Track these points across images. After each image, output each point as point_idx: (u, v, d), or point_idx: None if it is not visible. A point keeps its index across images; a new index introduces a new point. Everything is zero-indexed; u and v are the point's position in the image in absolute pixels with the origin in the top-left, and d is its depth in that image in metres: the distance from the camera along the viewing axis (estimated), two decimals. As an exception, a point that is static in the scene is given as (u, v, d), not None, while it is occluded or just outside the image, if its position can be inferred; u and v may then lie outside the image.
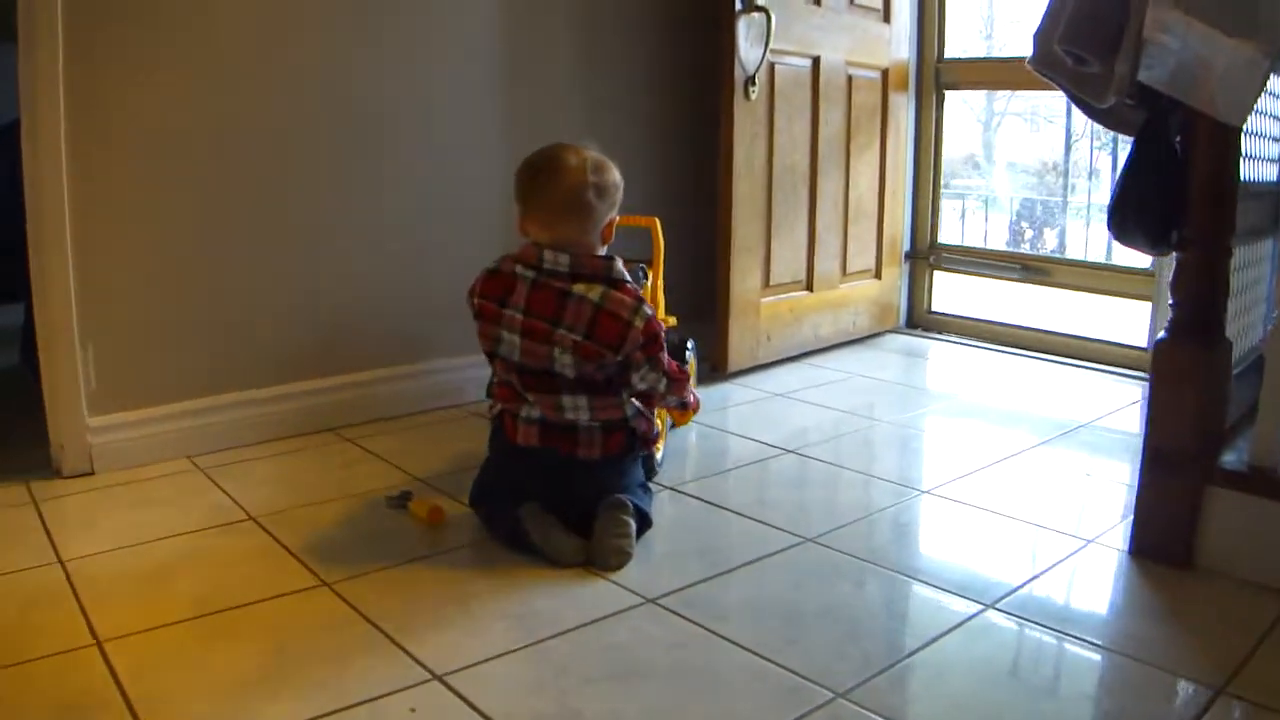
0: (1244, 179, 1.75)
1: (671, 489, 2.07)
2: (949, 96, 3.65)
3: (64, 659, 1.39)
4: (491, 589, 1.62)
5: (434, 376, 2.66)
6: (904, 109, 3.50)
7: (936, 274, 3.69)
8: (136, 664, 1.38)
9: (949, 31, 3.58)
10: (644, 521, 1.80)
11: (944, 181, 3.71)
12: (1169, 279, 2.87)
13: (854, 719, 1.27)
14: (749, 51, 2.82)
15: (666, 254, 2.32)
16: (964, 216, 6.27)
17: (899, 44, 3.41)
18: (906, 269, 3.66)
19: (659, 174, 3.04)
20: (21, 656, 1.40)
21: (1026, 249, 5.54)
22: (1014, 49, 4.97)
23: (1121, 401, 2.78)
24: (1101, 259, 4.60)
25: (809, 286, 3.19)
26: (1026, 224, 6.55)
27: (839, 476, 2.18)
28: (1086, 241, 5.81)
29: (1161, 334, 1.77)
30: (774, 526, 1.88)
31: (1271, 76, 1.64)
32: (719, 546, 1.81)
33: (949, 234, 3.74)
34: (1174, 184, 1.72)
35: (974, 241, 4.95)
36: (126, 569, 1.69)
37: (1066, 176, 6.17)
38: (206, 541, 1.81)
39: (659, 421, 1.94)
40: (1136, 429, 2.56)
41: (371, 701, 1.29)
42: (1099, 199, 5.98)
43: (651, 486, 1.98)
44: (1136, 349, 3.13)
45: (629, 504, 1.76)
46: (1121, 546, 1.80)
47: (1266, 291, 2.17)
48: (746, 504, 2.00)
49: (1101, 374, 3.08)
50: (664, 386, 1.82)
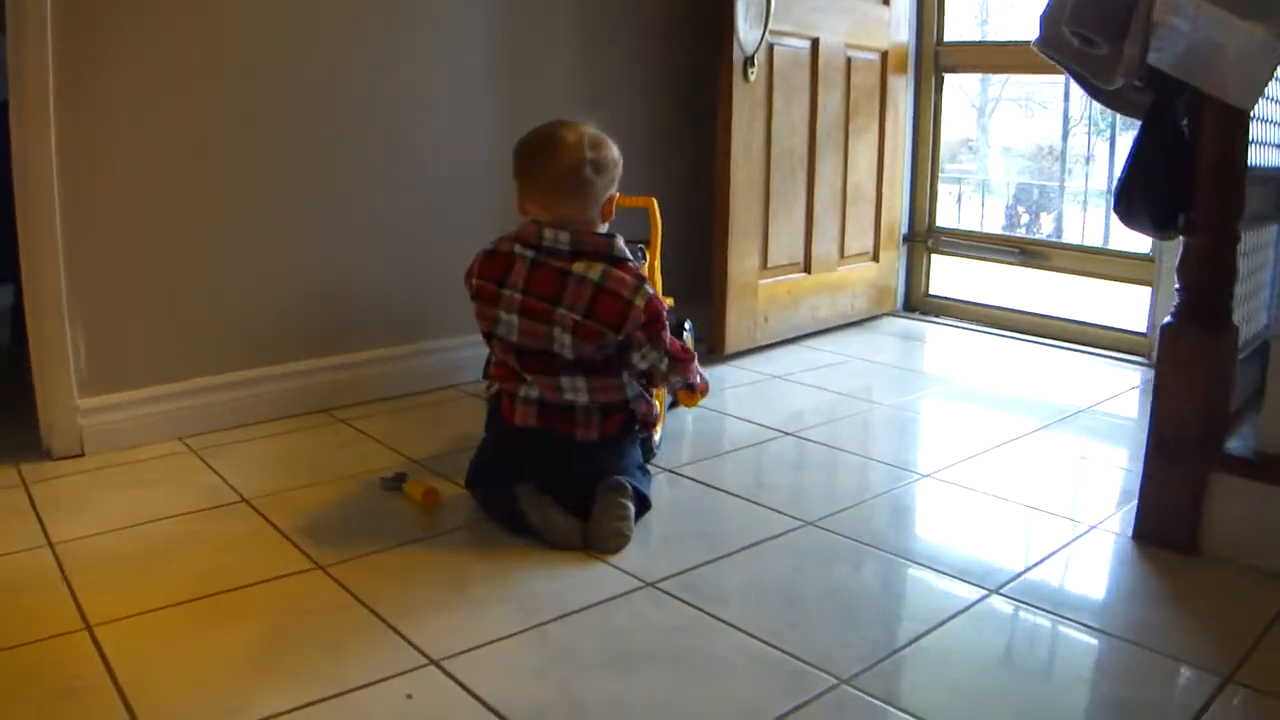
0: (1249, 164, 1.73)
1: (669, 471, 2.05)
2: (946, 80, 3.62)
3: (53, 644, 1.37)
4: (488, 572, 1.60)
5: (429, 357, 2.64)
6: (903, 92, 3.47)
7: (934, 257, 3.67)
8: (127, 649, 1.36)
9: (947, 16, 3.54)
10: (643, 504, 1.78)
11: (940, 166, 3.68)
12: (1168, 263, 2.94)
13: (858, 705, 1.25)
14: (748, 32, 2.79)
15: (663, 235, 2.30)
16: (960, 201, 6.25)
17: (898, 26, 3.38)
18: (904, 252, 3.64)
19: (656, 154, 3.01)
20: (10, 641, 1.37)
21: (1022, 234, 5.51)
22: (1009, 35, 4.93)
23: (1121, 386, 2.76)
24: (1098, 244, 4.59)
25: (807, 269, 3.16)
26: (1023, 209, 6.53)
27: (838, 459, 2.16)
28: (1083, 226, 5.79)
29: (1168, 319, 1.75)
30: (773, 509, 1.86)
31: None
32: (718, 529, 1.79)
33: (945, 218, 3.72)
34: (1181, 167, 1.70)
35: (970, 226, 4.92)
36: (117, 552, 1.67)
37: (1064, 161, 6.14)
38: (199, 524, 1.79)
39: (657, 403, 1.92)
40: (1136, 414, 2.55)
41: (367, 687, 1.27)
42: (1096, 184, 5.96)
43: (649, 468, 1.96)
44: (1135, 334, 3.12)
45: (628, 486, 1.74)
46: (1125, 532, 1.78)
47: (1269, 277, 2.15)
48: (745, 486, 1.98)
49: (1100, 359, 3.07)
50: (666, 366, 1.80)
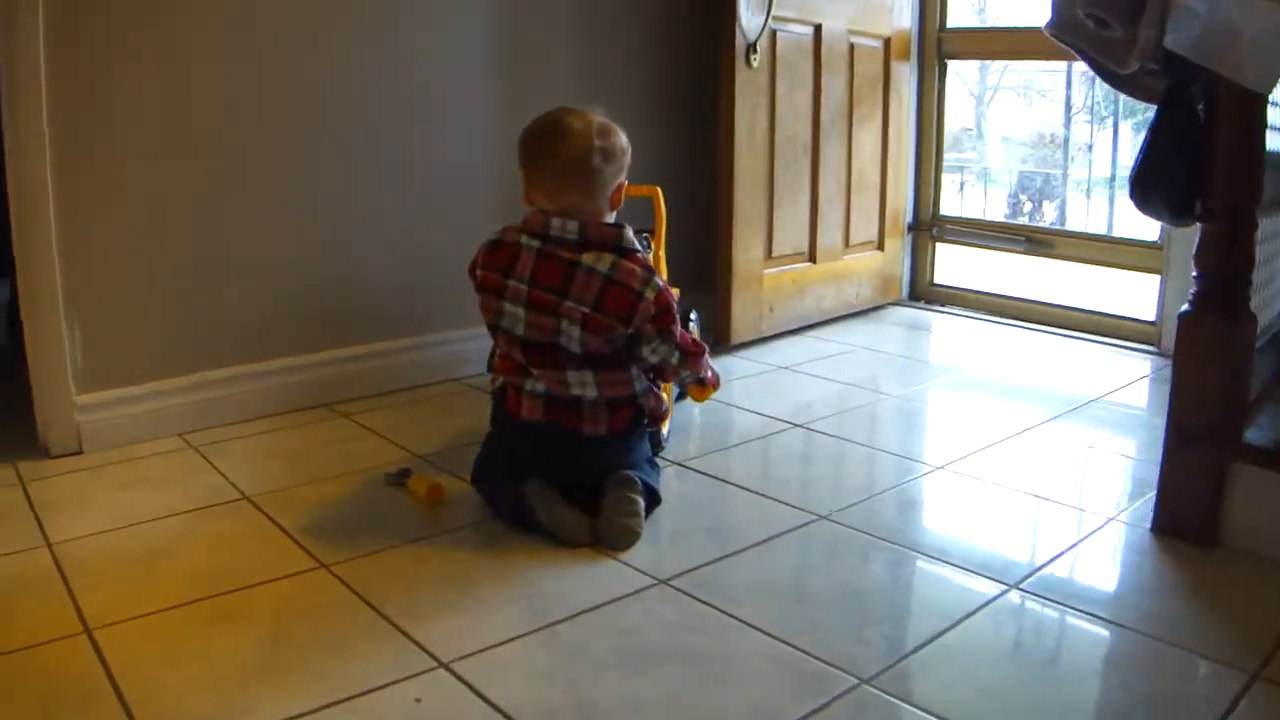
0: (1267, 149, 1.70)
1: (678, 464, 2.02)
2: (947, 67, 3.57)
3: (51, 648, 1.33)
4: (496, 570, 1.57)
5: (432, 349, 2.60)
6: (906, 78, 3.43)
7: (938, 246, 3.63)
8: (127, 653, 1.32)
9: (949, 2, 3.49)
10: (653, 499, 1.75)
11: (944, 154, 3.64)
12: (1177, 251, 2.91)
13: (879, 706, 1.22)
14: (750, 18, 2.75)
15: (666, 225, 2.26)
16: (962, 189, 6.21)
17: (901, 12, 3.34)
18: (909, 241, 3.60)
19: (658, 143, 2.97)
20: (6, 646, 1.33)
21: (1024, 222, 5.48)
22: (1010, 21, 4.88)
23: (1130, 375, 2.73)
24: (1102, 232, 4.55)
25: (812, 258, 3.13)
26: (1025, 197, 6.49)
27: (849, 452, 2.13)
28: (1087, 215, 5.75)
29: (1185, 307, 1.72)
30: (785, 503, 1.83)
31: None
32: (729, 524, 1.76)
33: (948, 207, 3.68)
34: (1197, 153, 1.67)
35: (973, 214, 4.89)
36: (116, 552, 1.63)
37: (1067, 149, 6.10)
38: (199, 523, 1.75)
39: (666, 396, 1.88)
40: (1146, 404, 2.52)
41: (375, 691, 1.24)
42: (1099, 172, 5.93)
43: (658, 461, 1.93)
44: (1144, 322, 3.08)
45: (637, 481, 1.70)
46: (1142, 524, 1.75)
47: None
48: (756, 480, 1.95)
49: (1107, 347, 3.03)
50: (677, 360, 1.77)
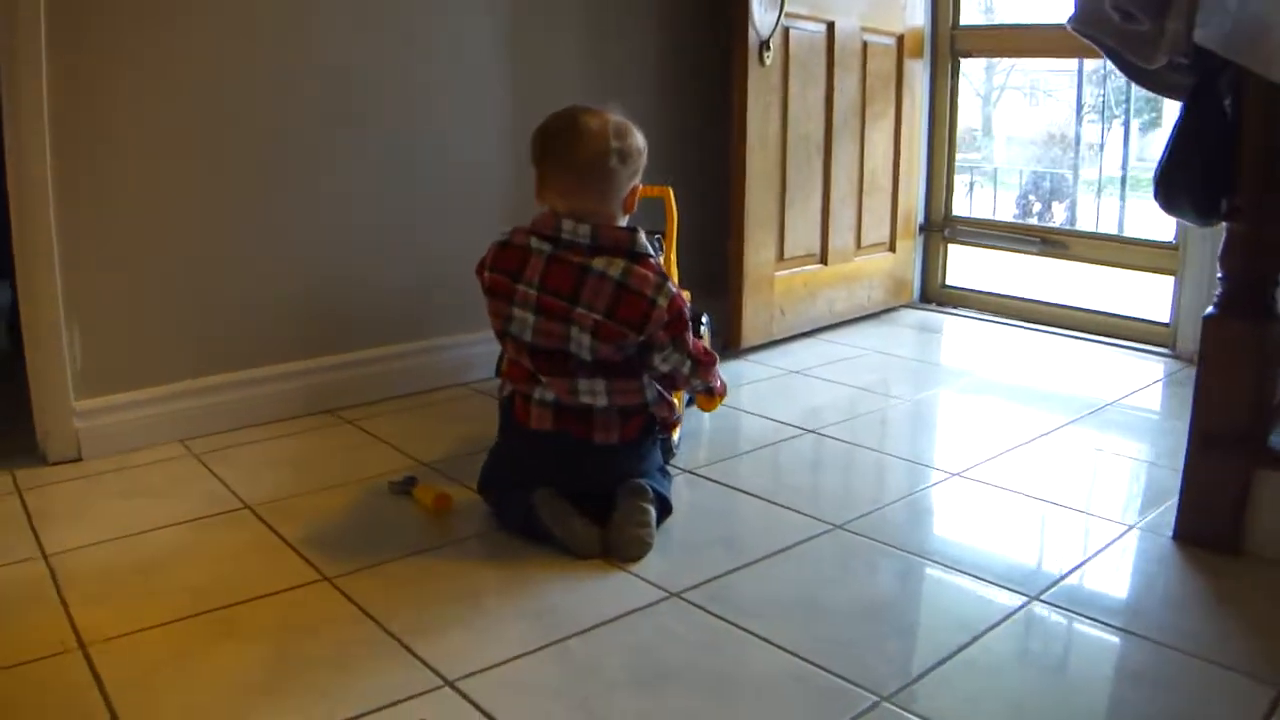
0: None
1: (689, 472, 1.98)
2: (960, 65, 3.52)
3: (43, 665, 1.29)
4: (504, 583, 1.53)
5: (438, 354, 2.56)
6: (919, 76, 3.38)
7: (950, 247, 3.58)
8: (123, 670, 1.28)
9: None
10: (664, 508, 1.70)
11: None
12: (1193, 252, 2.86)
13: (901, 726, 1.18)
14: (763, 15, 2.70)
15: (676, 226, 2.22)
16: (971, 190, 6.16)
17: (914, 9, 3.29)
18: (920, 242, 3.56)
19: (667, 142, 2.92)
20: (-1, 662, 1.30)
21: (1034, 223, 5.43)
22: (1023, 18, 4.83)
23: (1145, 379, 2.68)
24: (1115, 233, 4.50)
25: (823, 260, 3.08)
26: (1035, 197, 6.43)
27: (863, 458, 2.09)
28: (1097, 215, 5.69)
29: (1210, 309, 1.68)
30: (800, 512, 1.78)
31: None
32: (743, 534, 1.72)
33: (958, 208, 3.63)
34: (1224, 151, 1.62)
35: (983, 215, 4.84)
36: (114, 564, 1.59)
37: (1077, 149, 6.04)
38: (200, 533, 1.71)
39: (678, 403, 1.84)
40: (1162, 408, 2.48)
41: (379, 711, 1.20)
42: (1109, 172, 5.87)
43: (669, 469, 1.88)
44: (1158, 324, 3.03)
45: (649, 490, 1.66)
46: (1164, 532, 1.71)
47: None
48: (769, 488, 1.90)
49: (1121, 350, 2.98)
50: (688, 369, 1.72)
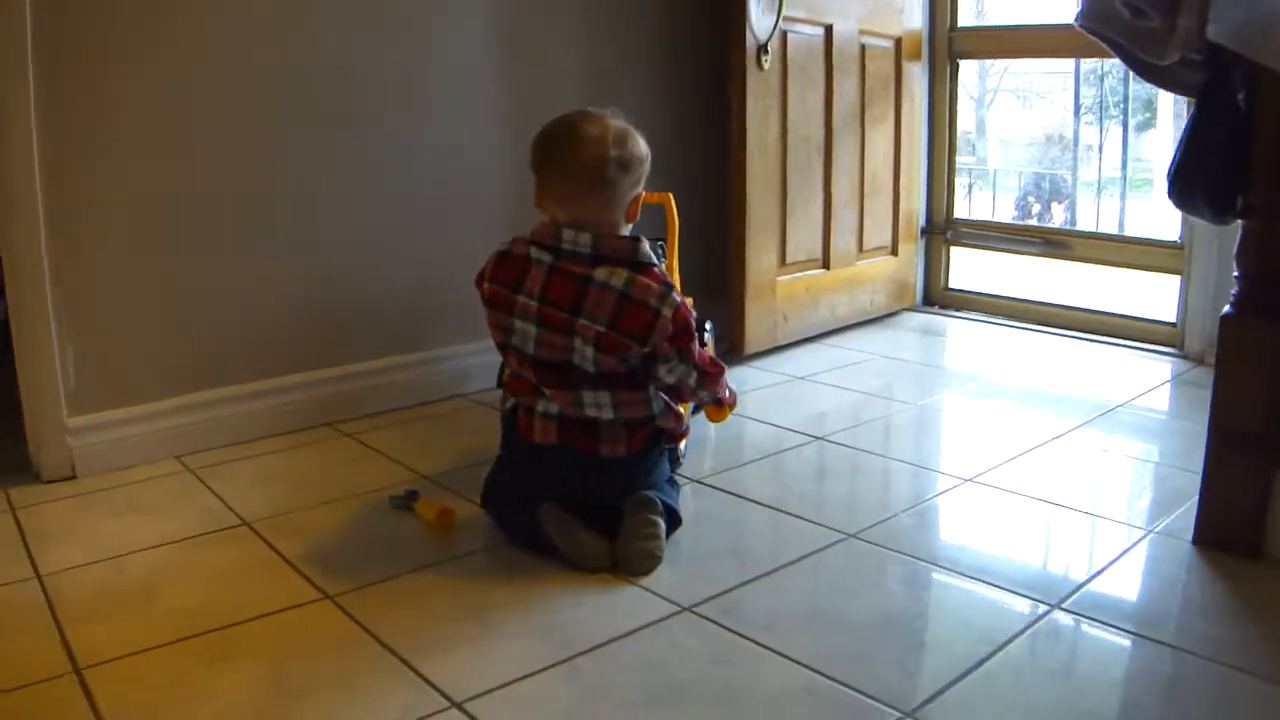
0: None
1: (695, 481, 1.94)
2: (959, 67, 3.50)
3: (36, 690, 1.25)
4: (510, 599, 1.48)
5: (438, 365, 2.52)
6: (918, 79, 3.35)
7: (952, 250, 3.55)
8: (119, 695, 1.24)
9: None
10: (673, 520, 1.66)
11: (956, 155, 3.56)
12: (1199, 251, 2.83)
13: (925, 742, 1.14)
14: (761, 19, 2.67)
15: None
16: (970, 192, 6.15)
17: (911, 12, 3.26)
18: (922, 245, 3.52)
19: (665, 146, 2.89)
20: (-10, 687, 1.26)
21: (1033, 224, 5.41)
22: (1019, 19, 4.82)
23: (1153, 379, 2.65)
24: (1118, 233, 4.47)
25: (825, 264, 3.05)
26: (1034, 199, 6.42)
27: (874, 465, 2.05)
28: (1097, 216, 5.68)
29: (1227, 309, 1.64)
30: (812, 521, 1.74)
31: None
32: (754, 545, 1.68)
33: (958, 211, 3.60)
34: (1238, 148, 1.59)
35: (982, 218, 4.82)
36: (109, 584, 1.55)
37: (1075, 150, 6.03)
38: (196, 551, 1.67)
39: (684, 413, 1.80)
40: (1175, 408, 2.45)
41: (384, 734, 1.16)
42: (1107, 173, 5.86)
43: (677, 479, 1.84)
44: (1164, 324, 3.00)
45: (657, 501, 1.62)
46: (1182, 536, 1.67)
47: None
48: (779, 497, 1.86)
49: (1127, 350, 2.94)
50: (695, 380, 1.67)
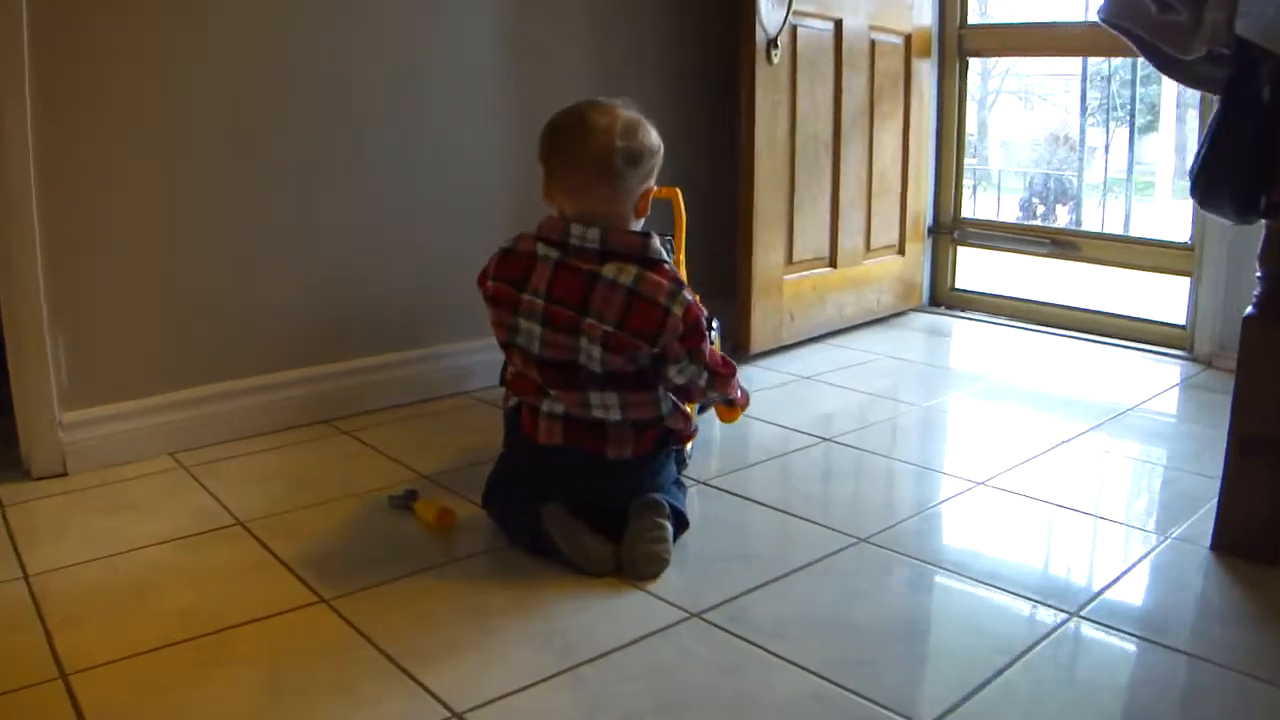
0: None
1: (701, 483, 1.89)
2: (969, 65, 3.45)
3: (20, 696, 1.21)
4: (513, 604, 1.44)
5: (439, 361, 2.48)
6: (927, 76, 3.31)
7: (959, 250, 3.51)
8: (106, 701, 1.20)
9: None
10: (681, 523, 1.61)
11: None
12: (1210, 252, 2.78)
13: (944, 757, 1.10)
14: (771, 12, 2.63)
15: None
16: (975, 193, 6.11)
17: (921, 8, 3.22)
18: (929, 244, 3.48)
19: (671, 141, 2.84)
20: (-29, 693, 1.21)
21: (1040, 225, 5.37)
22: (1028, 17, 4.77)
23: (1163, 382, 2.60)
24: (1129, 234, 4.43)
25: (833, 263, 3.00)
26: (1038, 200, 6.38)
27: (884, 467, 2.01)
28: (1102, 218, 5.64)
29: (1249, 310, 1.60)
30: (821, 525, 1.70)
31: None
32: (762, 550, 1.63)
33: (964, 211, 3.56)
34: (1264, 145, 1.55)
35: (987, 218, 4.78)
36: (99, 585, 1.50)
37: (1082, 151, 5.99)
38: (189, 551, 1.63)
39: (692, 413, 1.75)
40: (1186, 411, 2.41)
41: (382, 745, 1.12)
42: (1111, 175, 5.82)
43: (684, 480, 1.80)
44: (1174, 326, 2.95)
45: (664, 504, 1.57)
46: (1200, 541, 1.63)
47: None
48: (786, 499, 1.82)
49: (1136, 353, 2.90)
50: (705, 381, 1.63)
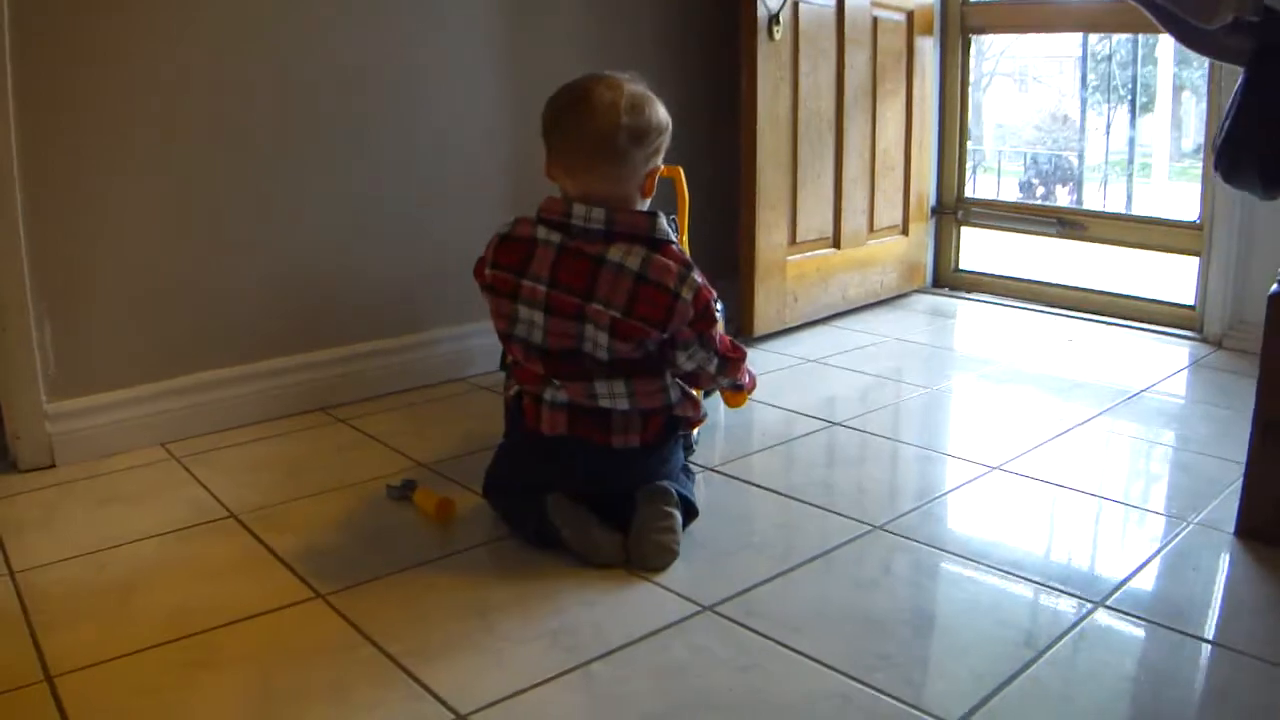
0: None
1: (707, 469, 1.84)
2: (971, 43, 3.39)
3: (3, 702, 1.15)
4: (517, 598, 1.39)
5: (437, 347, 2.43)
6: (930, 54, 3.24)
7: (963, 230, 3.45)
8: (93, 705, 1.15)
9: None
10: (689, 512, 1.56)
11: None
12: (1220, 232, 2.73)
13: (974, 757, 1.05)
14: (772, -13, 2.57)
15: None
16: (975, 174, 6.06)
17: (923, -16, 3.16)
18: (932, 225, 3.42)
19: (674, 119, 2.79)
20: (-47, 697, 1.16)
21: (1046, 204, 5.32)
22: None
23: (1175, 364, 2.55)
24: (1136, 213, 4.39)
25: (836, 244, 2.95)
26: (1037, 181, 6.33)
27: (895, 452, 1.95)
28: (1104, 199, 5.59)
29: (1275, 287, 1.55)
30: (834, 512, 1.65)
31: None
32: (774, 539, 1.58)
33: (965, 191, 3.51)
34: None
35: (991, 198, 4.73)
36: (87, 581, 1.45)
37: (1083, 133, 5.94)
38: (181, 545, 1.57)
39: (700, 398, 1.69)
40: (1198, 393, 2.36)
41: (383, 749, 1.07)
42: (1112, 156, 5.77)
43: (691, 466, 1.75)
44: (1184, 307, 2.91)
45: (673, 492, 1.52)
46: (1223, 527, 1.58)
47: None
48: (795, 486, 1.77)
49: (1144, 334, 2.85)
50: (715, 367, 1.57)
